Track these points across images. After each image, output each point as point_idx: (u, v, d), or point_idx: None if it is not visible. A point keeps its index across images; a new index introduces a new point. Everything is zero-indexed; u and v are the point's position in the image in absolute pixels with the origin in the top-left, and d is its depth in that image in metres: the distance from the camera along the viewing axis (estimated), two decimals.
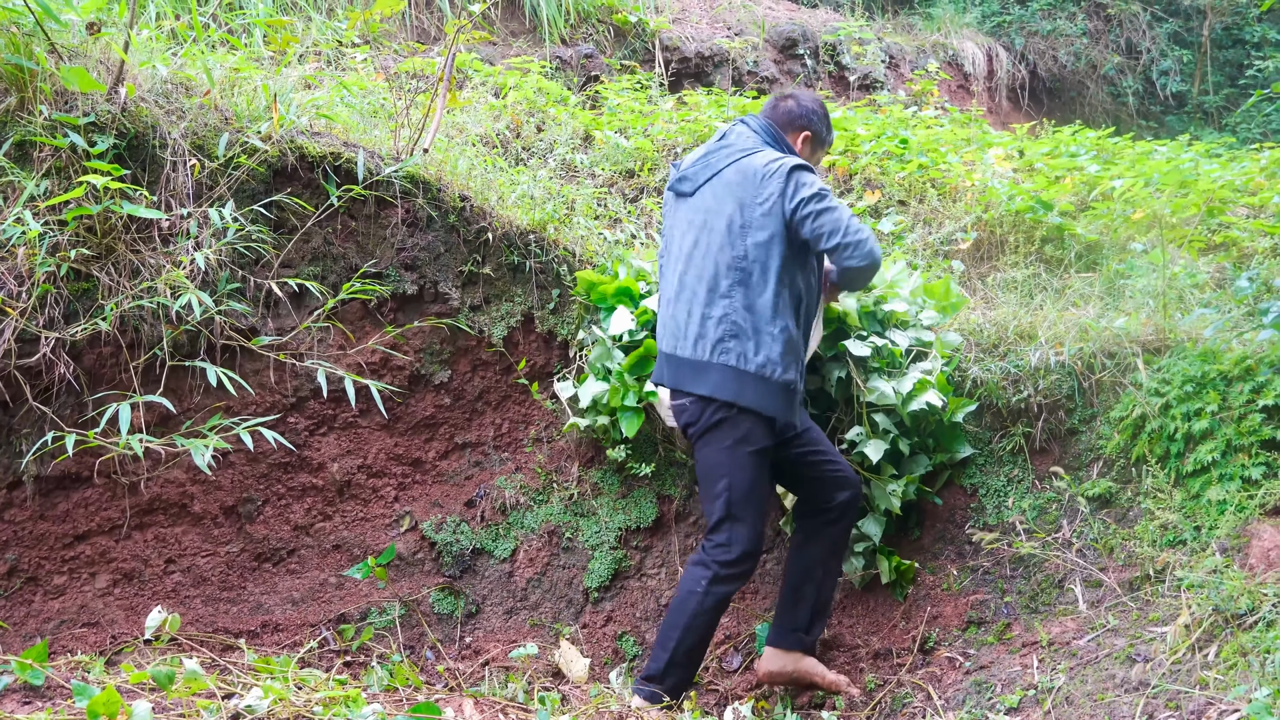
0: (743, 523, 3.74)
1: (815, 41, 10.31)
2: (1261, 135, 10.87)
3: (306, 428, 4.46)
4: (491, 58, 7.83)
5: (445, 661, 4.30)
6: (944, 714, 3.55)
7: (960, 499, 4.36)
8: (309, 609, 4.35)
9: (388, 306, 4.55)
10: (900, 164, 6.20)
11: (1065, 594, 3.79)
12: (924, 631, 4.09)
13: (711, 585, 3.71)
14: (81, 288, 4.00)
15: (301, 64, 5.20)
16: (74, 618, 4.05)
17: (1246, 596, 3.13)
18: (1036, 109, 12.04)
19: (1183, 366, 3.88)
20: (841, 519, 3.98)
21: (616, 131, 6.26)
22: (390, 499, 4.58)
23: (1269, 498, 3.45)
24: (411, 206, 4.55)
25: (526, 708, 3.46)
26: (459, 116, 5.81)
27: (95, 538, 4.14)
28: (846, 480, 3.98)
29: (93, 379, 4.06)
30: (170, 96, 4.29)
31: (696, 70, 9.51)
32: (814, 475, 3.99)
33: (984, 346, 4.49)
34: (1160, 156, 6.73)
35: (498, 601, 4.54)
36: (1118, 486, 3.95)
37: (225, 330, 4.19)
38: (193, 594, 4.24)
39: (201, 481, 4.28)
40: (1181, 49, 12.52)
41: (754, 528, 3.74)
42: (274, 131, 4.28)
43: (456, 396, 4.70)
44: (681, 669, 3.75)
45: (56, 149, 3.95)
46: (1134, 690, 3.11)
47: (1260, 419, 3.58)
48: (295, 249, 4.36)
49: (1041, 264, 5.37)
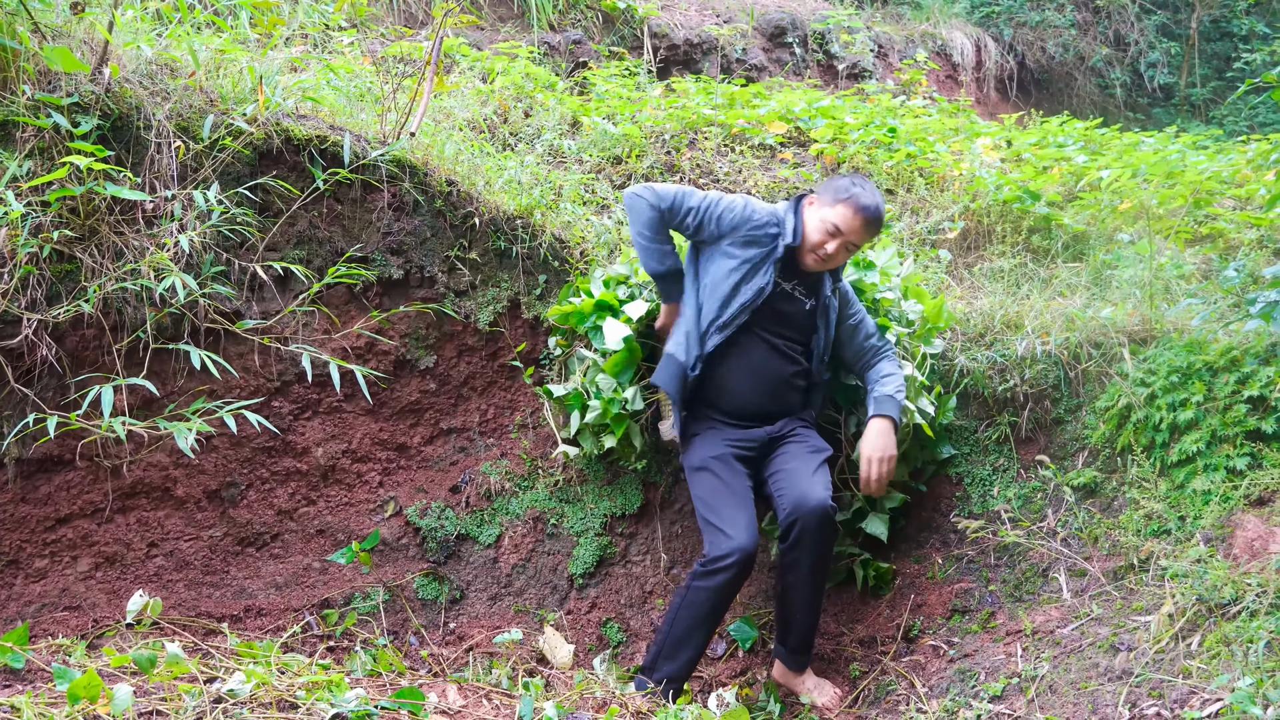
0: (712, 528, 3.83)
1: (804, 30, 10.28)
2: (1248, 128, 10.90)
3: (291, 412, 4.44)
4: (479, 43, 7.79)
5: (429, 647, 4.29)
6: (928, 702, 3.55)
7: (946, 488, 4.37)
8: (292, 594, 4.34)
9: (373, 291, 4.53)
10: (888, 153, 6.20)
11: (1050, 583, 3.80)
12: (908, 620, 4.10)
13: (691, 581, 3.82)
14: (64, 269, 3.97)
15: (288, 46, 5.16)
16: (55, 601, 4.03)
17: (1230, 586, 3.13)
18: (1024, 100, 12.04)
19: (1168, 357, 3.89)
20: (795, 548, 3.82)
21: (604, 118, 6.23)
22: (375, 484, 4.57)
23: (1253, 488, 3.46)
24: (398, 190, 4.53)
25: (510, 693, 3.45)
26: (446, 101, 5.78)
27: (77, 521, 4.12)
28: (796, 508, 3.80)
29: (75, 361, 4.04)
30: (155, 77, 4.26)
31: (685, 57, 9.48)
32: (769, 496, 4.00)
33: (970, 336, 4.49)
34: (1148, 148, 6.73)
35: (482, 587, 4.53)
36: (1103, 476, 3.95)
37: (209, 313, 4.16)
38: (175, 578, 4.22)
39: (184, 465, 4.26)
40: (1169, 41, 12.53)
41: (723, 532, 3.78)
42: (259, 114, 4.25)
43: (442, 382, 4.68)
44: (670, 661, 3.81)
45: (39, 129, 3.91)
46: (1117, 679, 3.12)
47: (1245, 410, 3.59)
48: (280, 232, 4.33)
49: (1028, 254, 5.37)
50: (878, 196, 3.99)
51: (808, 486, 3.84)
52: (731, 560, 3.71)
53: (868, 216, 3.93)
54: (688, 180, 5.76)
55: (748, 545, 3.73)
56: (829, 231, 3.94)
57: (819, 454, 4.01)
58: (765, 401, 4.07)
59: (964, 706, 3.39)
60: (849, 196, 3.94)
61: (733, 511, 3.83)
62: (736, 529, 3.77)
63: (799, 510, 3.78)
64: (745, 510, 3.86)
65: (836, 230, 3.93)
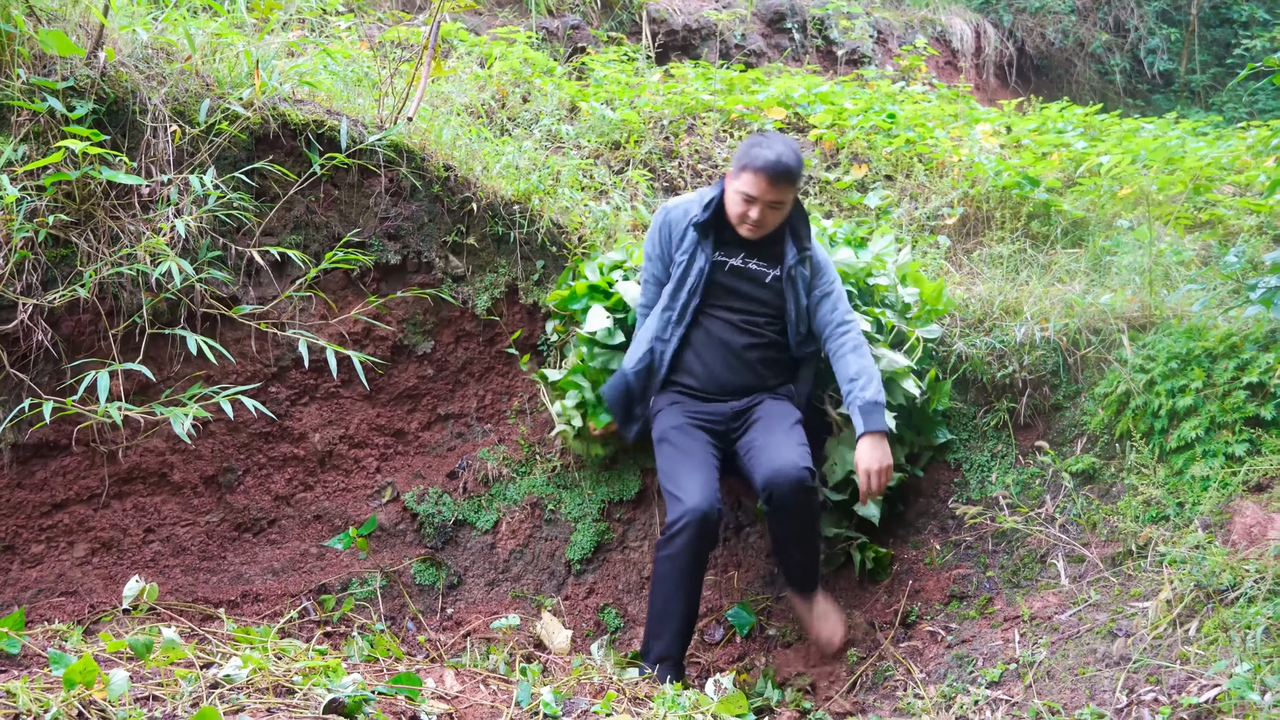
0: (669, 495, 3.83)
1: (803, 15, 10.25)
2: (1248, 114, 10.87)
3: (288, 397, 4.43)
4: (477, 27, 7.76)
5: (426, 632, 4.29)
6: (925, 688, 3.55)
7: (944, 474, 4.36)
8: (289, 579, 4.33)
9: (370, 276, 4.52)
10: (887, 139, 6.18)
11: (1047, 569, 3.80)
12: (906, 605, 4.09)
13: (656, 553, 3.83)
14: (60, 254, 3.95)
15: (285, 31, 5.14)
16: (52, 586, 4.03)
17: (1228, 572, 3.13)
18: (1024, 86, 12.01)
19: (1168, 343, 3.88)
20: (776, 515, 3.84)
21: (603, 103, 6.21)
22: (372, 470, 4.56)
23: (1252, 474, 3.45)
24: (395, 176, 4.51)
25: (508, 679, 3.45)
26: (444, 86, 5.76)
27: (73, 506, 4.12)
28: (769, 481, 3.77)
29: (71, 346, 4.03)
30: (151, 61, 4.24)
31: (684, 43, 9.45)
32: (745, 471, 3.98)
33: (969, 322, 4.48)
34: (1147, 134, 6.72)
35: (479, 573, 4.53)
36: (1101, 462, 3.95)
37: (206, 298, 4.15)
38: (172, 563, 4.22)
39: (181, 451, 4.25)
40: (1169, 27, 12.50)
41: (676, 497, 3.77)
42: (256, 98, 4.23)
43: (439, 367, 4.67)
44: (657, 640, 3.81)
45: (34, 113, 3.90)
46: (1115, 665, 3.12)
47: (1244, 396, 3.58)
48: (277, 217, 4.32)
49: (1028, 240, 5.36)
50: (779, 146, 3.84)
51: (776, 454, 3.79)
52: (684, 522, 3.68)
53: (771, 173, 3.80)
54: (687, 165, 5.74)
55: (699, 505, 3.68)
56: (745, 199, 3.87)
57: (787, 418, 3.96)
58: (724, 376, 4.04)
59: (961, 692, 3.39)
60: (748, 160, 3.84)
61: (686, 475, 3.81)
62: (689, 492, 3.74)
63: (773, 482, 3.74)
64: (700, 472, 3.82)
65: (750, 197, 3.86)
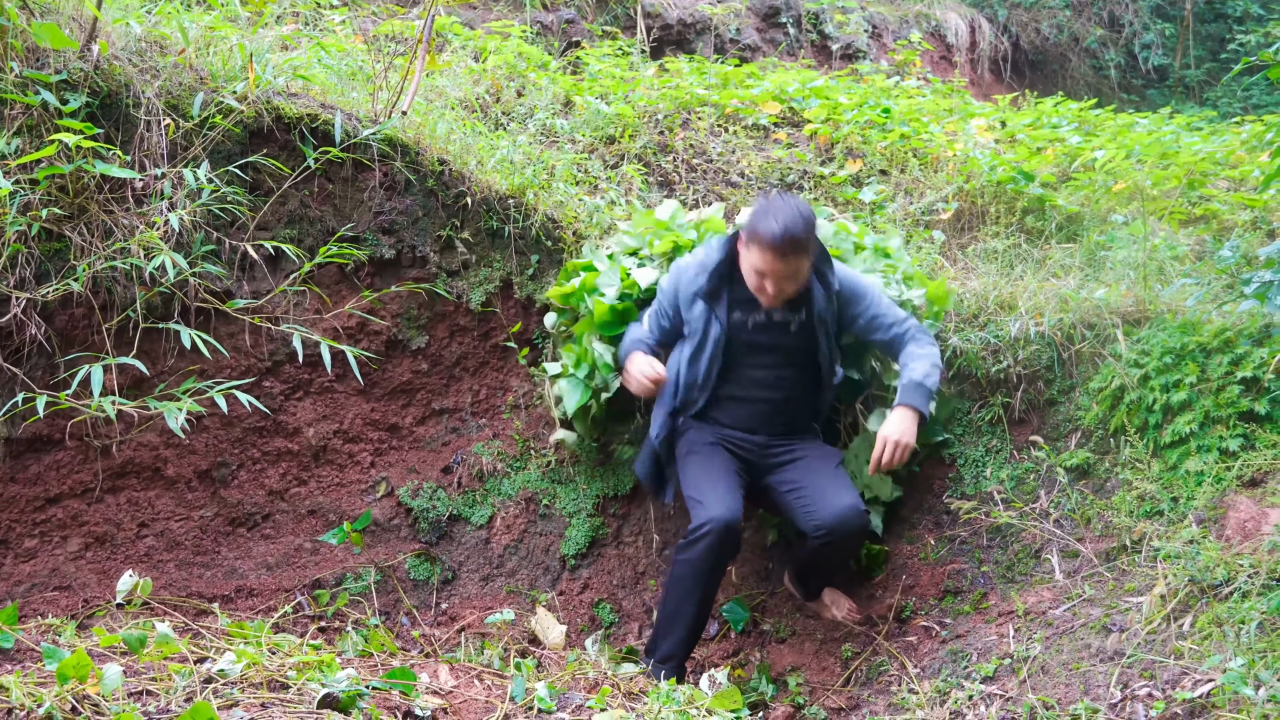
0: (693, 502, 3.86)
1: (798, 10, 10.25)
2: (1242, 109, 10.89)
3: (282, 392, 4.42)
4: (471, 21, 7.75)
5: (421, 627, 4.28)
6: (919, 683, 3.55)
7: (938, 469, 4.36)
8: (283, 574, 4.33)
9: (365, 271, 4.51)
10: (882, 133, 6.17)
11: (1042, 564, 3.80)
12: (900, 600, 4.10)
13: (675, 556, 3.87)
14: (53, 248, 3.94)
15: (279, 24, 5.13)
16: (45, 581, 4.02)
17: (1222, 567, 3.13)
18: (1019, 81, 12.02)
19: (1162, 338, 3.88)
20: (827, 548, 3.88)
21: (597, 97, 6.20)
22: (366, 465, 4.56)
23: (1246, 469, 3.45)
24: (389, 170, 4.50)
25: (502, 674, 3.45)
26: (438, 80, 5.75)
27: (67, 501, 4.11)
28: (821, 523, 3.81)
29: (64, 340, 4.02)
30: (144, 55, 4.22)
31: (679, 37, 9.45)
32: (787, 509, 4.01)
33: (964, 317, 4.48)
34: (1142, 129, 6.72)
35: (474, 568, 4.53)
36: (1096, 457, 3.95)
37: (199, 292, 4.14)
38: (166, 558, 4.21)
39: (175, 445, 4.24)
40: (1164, 22, 12.51)
41: (700, 504, 3.80)
42: (250, 92, 4.22)
43: (434, 362, 4.67)
44: (665, 639, 3.86)
45: (28, 107, 3.88)
46: (1109, 660, 3.12)
47: (1239, 391, 3.58)
48: (271, 211, 4.31)
49: (1022, 234, 5.35)
50: (785, 214, 3.65)
51: (835, 498, 3.84)
52: (706, 529, 3.71)
53: (780, 250, 3.65)
54: (681, 160, 5.73)
55: (723, 514, 3.72)
56: (758, 274, 3.77)
57: (830, 459, 4.03)
58: (753, 423, 4.08)
59: (956, 687, 3.39)
60: (755, 234, 3.70)
61: (711, 484, 3.86)
62: (713, 500, 3.78)
63: (837, 527, 3.80)
64: (724, 482, 3.88)
65: (761, 272, 3.75)
